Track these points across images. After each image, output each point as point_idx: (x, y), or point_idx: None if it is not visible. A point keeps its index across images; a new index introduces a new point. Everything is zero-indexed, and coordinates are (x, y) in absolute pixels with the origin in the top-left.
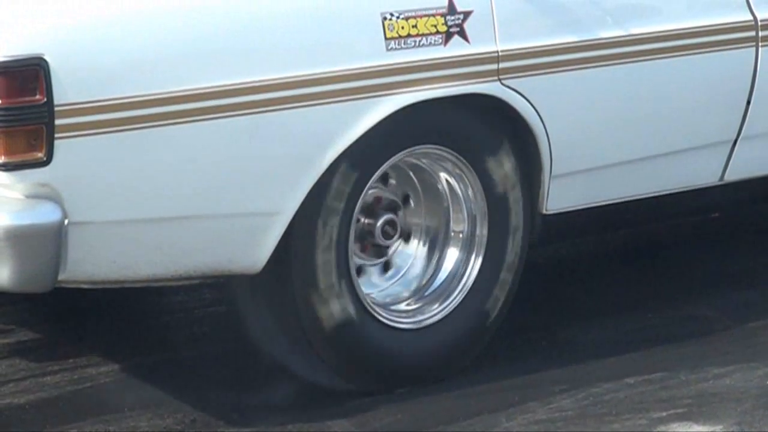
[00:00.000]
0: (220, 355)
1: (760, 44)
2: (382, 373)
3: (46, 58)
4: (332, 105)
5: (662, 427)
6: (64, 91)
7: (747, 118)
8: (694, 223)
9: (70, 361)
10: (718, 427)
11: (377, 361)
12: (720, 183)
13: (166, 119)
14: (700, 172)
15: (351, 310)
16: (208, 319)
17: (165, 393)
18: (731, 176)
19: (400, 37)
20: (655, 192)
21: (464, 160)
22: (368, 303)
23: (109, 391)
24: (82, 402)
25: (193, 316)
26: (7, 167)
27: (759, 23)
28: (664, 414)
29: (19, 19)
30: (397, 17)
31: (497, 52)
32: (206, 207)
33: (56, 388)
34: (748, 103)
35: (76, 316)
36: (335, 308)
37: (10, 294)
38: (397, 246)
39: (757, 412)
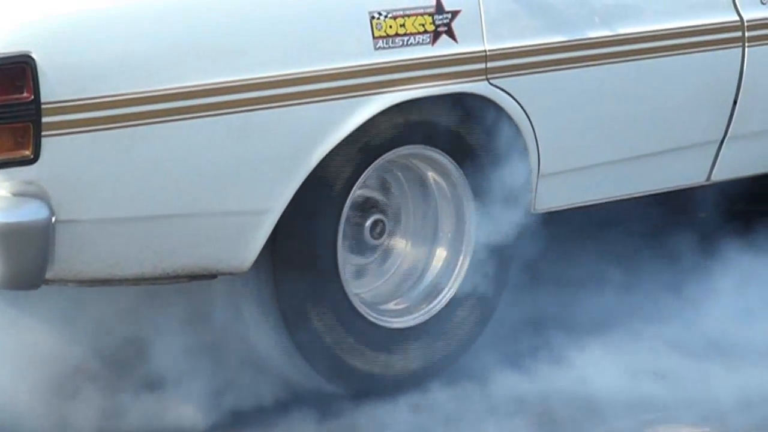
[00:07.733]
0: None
1: (746, 44)
2: (368, 374)
3: (33, 55)
4: (320, 104)
5: (649, 430)
6: (52, 89)
7: (733, 118)
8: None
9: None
10: (705, 429)
11: (364, 362)
12: (707, 183)
13: (154, 117)
14: (687, 172)
15: (338, 309)
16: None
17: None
18: (718, 176)
19: (388, 36)
20: (642, 192)
21: (452, 160)
22: (356, 302)
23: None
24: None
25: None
26: None
27: (745, 23)
28: (651, 416)
29: (5, 16)
30: (385, 16)
31: (485, 51)
32: (194, 205)
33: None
34: (735, 103)
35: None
36: (322, 307)
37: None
38: (385, 245)
39: (743, 413)
